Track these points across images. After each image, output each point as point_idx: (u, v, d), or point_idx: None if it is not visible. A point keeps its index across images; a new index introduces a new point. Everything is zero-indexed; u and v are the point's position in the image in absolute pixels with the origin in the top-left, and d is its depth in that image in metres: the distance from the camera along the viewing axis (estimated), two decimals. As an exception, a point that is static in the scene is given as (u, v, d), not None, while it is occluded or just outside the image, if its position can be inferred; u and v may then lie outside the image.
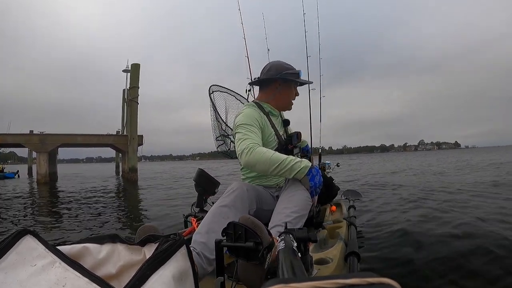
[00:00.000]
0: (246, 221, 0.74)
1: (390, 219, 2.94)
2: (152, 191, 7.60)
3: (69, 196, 7.10)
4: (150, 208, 4.96)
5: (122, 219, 4.21)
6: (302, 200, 1.08)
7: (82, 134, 14.15)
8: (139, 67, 13.19)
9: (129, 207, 5.40)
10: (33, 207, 5.69)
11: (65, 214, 4.64)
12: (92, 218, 4.18)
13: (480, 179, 5.94)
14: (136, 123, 13.04)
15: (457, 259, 1.78)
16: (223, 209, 1.04)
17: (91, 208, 5.17)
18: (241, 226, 0.73)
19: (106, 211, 4.80)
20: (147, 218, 4.12)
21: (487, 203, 3.38)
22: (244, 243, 0.72)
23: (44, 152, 12.50)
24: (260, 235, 0.72)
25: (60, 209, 5.27)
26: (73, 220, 4.05)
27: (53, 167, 15.22)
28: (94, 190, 8.59)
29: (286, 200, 1.09)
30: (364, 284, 0.20)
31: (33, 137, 12.88)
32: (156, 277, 0.50)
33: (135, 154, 13.11)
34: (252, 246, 0.70)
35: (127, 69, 15.48)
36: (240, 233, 0.73)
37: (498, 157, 17.06)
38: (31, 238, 0.53)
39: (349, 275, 0.21)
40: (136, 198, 6.73)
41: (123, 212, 4.84)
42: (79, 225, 3.72)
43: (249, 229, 0.72)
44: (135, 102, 12.92)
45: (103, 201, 6.07)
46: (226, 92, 2.03)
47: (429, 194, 4.31)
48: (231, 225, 0.75)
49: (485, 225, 2.38)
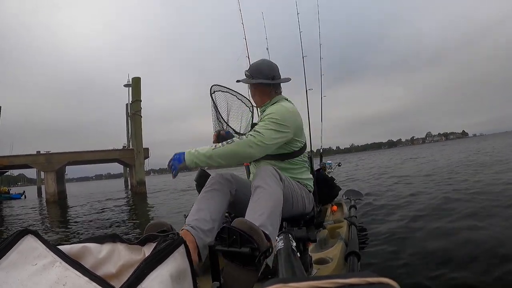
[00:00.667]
0: (242, 225, 0.70)
1: (390, 218, 2.94)
2: (160, 202, 7.60)
3: (77, 212, 7.11)
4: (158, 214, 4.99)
5: (129, 227, 4.24)
6: (267, 200, 1.04)
7: (88, 151, 14.16)
8: (140, 80, 13.27)
9: (138, 217, 5.43)
10: (43, 223, 5.70)
11: (72, 229, 4.66)
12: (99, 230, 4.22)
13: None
14: (141, 136, 13.14)
15: (458, 259, 1.78)
16: (207, 193, 1.15)
17: (99, 221, 5.22)
18: (235, 230, 0.69)
19: (114, 222, 4.84)
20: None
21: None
22: (239, 248, 0.67)
23: (51, 171, 12.57)
24: (257, 240, 0.68)
25: (69, 224, 5.30)
26: (82, 234, 4.07)
27: (61, 186, 15.23)
28: (102, 205, 8.57)
29: (252, 205, 1.04)
30: (364, 284, 0.20)
31: (39, 157, 13.02)
32: (154, 276, 0.50)
33: (142, 168, 13.20)
34: (248, 252, 0.66)
35: (128, 84, 15.61)
36: (235, 238, 0.69)
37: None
38: (32, 237, 0.53)
39: (349, 274, 0.21)
40: (144, 209, 6.76)
41: (131, 222, 4.88)
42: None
43: (244, 234, 0.68)
44: (138, 116, 13.04)
45: (111, 214, 6.13)
46: (228, 92, 2.02)
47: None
48: (225, 229, 0.71)
49: (497, 225, 2.34)
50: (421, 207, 3.32)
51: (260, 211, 0.98)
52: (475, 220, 2.53)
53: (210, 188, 1.18)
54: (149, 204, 7.61)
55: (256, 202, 1.03)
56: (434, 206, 3.31)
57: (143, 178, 12.96)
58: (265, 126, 1.23)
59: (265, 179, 1.08)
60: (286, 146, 1.38)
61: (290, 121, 1.29)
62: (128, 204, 8.29)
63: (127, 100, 16.53)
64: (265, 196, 1.03)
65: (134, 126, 13.23)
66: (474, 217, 2.63)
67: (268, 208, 1.00)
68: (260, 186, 1.06)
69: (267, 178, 1.09)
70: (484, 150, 12.80)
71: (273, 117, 1.25)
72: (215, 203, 1.12)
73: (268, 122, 1.24)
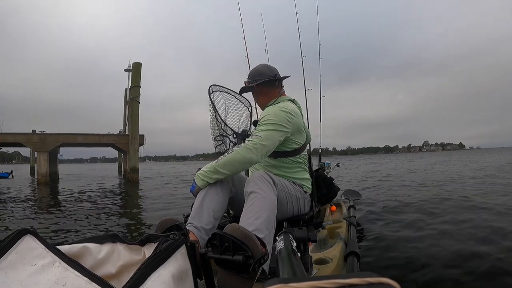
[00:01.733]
0: (235, 231, 0.66)
1: (390, 219, 2.94)
2: (152, 192, 7.56)
3: (67, 197, 7.03)
4: (148, 207, 4.95)
5: (118, 219, 4.17)
6: (262, 205, 1.03)
7: (83, 134, 14.03)
8: (141, 66, 13.09)
9: (129, 208, 5.37)
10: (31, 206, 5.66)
11: (60, 214, 4.58)
12: (85, 218, 4.14)
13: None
14: (138, 122, 12.92)
15: (458, 259, 1.78)
16: (208, 190, 1.14)
17: (87, 208, 5.11)
18: (227, 237, 0.65)
19: (104, 211, 4.75)
20: (143, 221, 4.07)
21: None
22: (232, 256, 0.63)
23: (44, 152, 12.46)
24: (251, 247, 0.64)
25: (59, 208, 5.24)
26: (68, 220, 4.01)
27: (54, 167, 15.18)
28: (94, 190, 8.53)
29: (246, 211, 1.04)
30: (364, 284, 0.20)
31: (33, 137, 12.83)
32: (156, 277, 0.50)
33: (136, 154, 12.94)
34: (242, 260, 0.62)
35: (129, 69, 15.29)
36: (227, 245, 0.64)
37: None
38: (31, 237, 0.53)
39: (349, 275, 0.21)
40: (135, 200, 6.67)
41: (121, 212, 4.82)
42: (71, 224, 3.70)
43: (237, 241, 0.64)
44: (136, 102, 12.79)
45: (101, 202, 6.02)
46: (226, 92, 2.02)
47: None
48: (216, 236, 0.66)
49: (496, 227, 2.35)
50: (421, 207, 3.33)
51: (255, 215, 0.98)
52: (475, 220, 2.54)
53: (212, 183, 1.18)
54: (140, 195, 7.40)
55: (250, 207, 1.02)
56: (434, 206, 3.31)
57: (137, 165, 12.68)
58: (261, 129, 1.25)
59: (258, 185, 1.07)
60: (279, 145, 1.37)
61: (285, 120, 1.29)
62: (119, 193, 8.08)
63: (127, 85, 16.18)
64: (259, 201, 1.03)
65: (131, 112, 12.92)
66: (474, 217, 2.64)
67: (263, 212, 0.99)
68: (254, 192, 1.06)
69: (260, 183, 1.08)
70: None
71: (268, 118, 1.27)
72: (216, 201, 1.12)
73: (264, 124, 1.26)
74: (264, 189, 1.07)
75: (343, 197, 3.13)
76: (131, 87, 13.16)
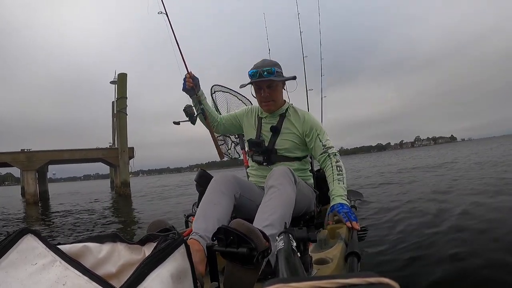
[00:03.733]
0: (239, 226, 0.70)
1: (390, 219, 2.94)
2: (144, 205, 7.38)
3: (57, 214, 6.83)
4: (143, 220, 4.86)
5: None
6: (279, 201, 1.06)
7: (70, 150, 13.50)
8: (126, 77, 12.63)
9: (122, 221, 5.29)
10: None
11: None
12: (69, 235, 4.04)
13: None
14: (126, 134, 12.48)
15: (459, 260, 1.78)
16: (212, 197, 1.13)
17: (79, 224, 4.97)
18: (232, 231, 0.69)
19: (89, 226, 4.61)
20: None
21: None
22: (237, 249, 0.68)
23: (31, 171, 11.91)
24: (255, 240, 0.68)
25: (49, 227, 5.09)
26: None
27: (43, 185, 14.63)
28: (85, 207, 8.21)
29: (263, 205, 1.07)
30: (364, 284, 0.20)
31: (19, 155, 12.19)
32: (154, 276, 0.50)
33: (126, 168, 12.53)
34: (246, 252, 0.67)
35: (115, 80, 15.00)
36: (232, 238, 0.69)
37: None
38: (31, 237, 0.53)
39: (349, 275, 0.21)
40: (129, 213, 6.53)
41: (115, 225, 4.75)
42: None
43: (241, 234, 0.68)
44: (123, 113, 12.37)
45: (92, 217, 5.86)
46: (228, 92, 2.03)
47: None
48: (221, 230, 0.70)
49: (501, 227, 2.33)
50: (421, 207, 3.32)
51: (270, 211, 1.00)
52: (475, 221, 2.53)
53: (216, 190, 1.16)
54: (132, 209, 7.16)
55: (267, 202, 1.04)
56: (434, 206, 3.31)
57: (128, 179, 12.30)
58: (327, 139, 1.41)
59: (279, 179, 1.10)
60: (305, 148, 1.42)
61: None
62: (108, 208, 7.85)
63: (114, 97, 15.77)
64: (278, 196, 1.04)
65: (119, 124, 12.51)
66: (475, 218, 2.63)
67: (279, 208, 1.01)
68: (274, 186, 1.08)
69: (281, 178, 1.10)
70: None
71: (321, 126, 1.43)
72: (221, 208, 1.11)
73: (325, 134, 1.42)
74: (284, 184, 1.09)
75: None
76: (118, 98, 12.74)
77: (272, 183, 1.10)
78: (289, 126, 1.42)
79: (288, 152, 1.42)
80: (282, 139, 1.42)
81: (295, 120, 1.42)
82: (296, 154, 1.42)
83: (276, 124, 1.44)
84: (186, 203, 6.02)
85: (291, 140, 1.40)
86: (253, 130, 1.50)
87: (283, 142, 1.41)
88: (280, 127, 1.43)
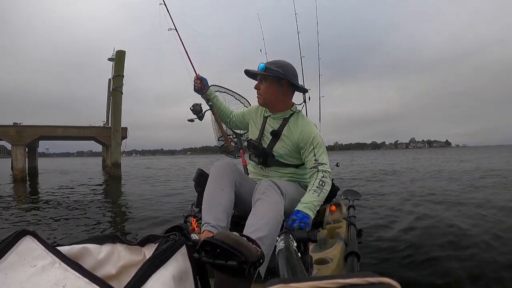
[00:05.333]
0: (226, 238, 0.64)
1: (391, 219, 2.94)
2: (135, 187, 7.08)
3: (44, 196, 6.35)
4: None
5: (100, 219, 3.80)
6: (267, 209, 1.05)
7: (62, 126, 12.91)
8: (124, 54, 12.07)
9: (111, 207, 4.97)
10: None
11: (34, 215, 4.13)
12: (49, 221, 3.72)
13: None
14: (120, 114, 11.95)
15: (459, 259, 1.78)
16: (216, 183, 1.15)
17: (64, 208, 4.68)
18: (218, 244, 0.63)
19: (75, 213, 4.27)
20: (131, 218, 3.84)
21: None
22: (226, 262, 0.63)
23: (21, 145, 11.46)
24: (244, 252, 0.63)
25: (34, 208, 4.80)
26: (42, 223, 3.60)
27: (33, 161, 14.29)
28: (73, 188, 7.91)
29: (251, 216, 1.05)
30: (364, 283, 0.20)
31: (9, 129, 11.64)
32: (156, 277, 0.50)
33: (118, 148, 12.01)
34: (236, 265, 0.62)
35: (112, 58, 13.98)
36: (219, 251, 0.64)
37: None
38: (30, 238, 0.53)
39: (350, 275, 0.21)
40: (117, 196, 6.18)
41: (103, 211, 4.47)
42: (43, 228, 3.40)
43: (228, 248, 0.63)
44: (119, 92, 11.85)
45: (81, 201, 5.50)
46: (226, 92, 2.03)
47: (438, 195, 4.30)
48: (207, 243, 0.65)
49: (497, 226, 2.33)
50: (421, 207, 3.33)
51: (258, 217, 1.01)
52: (476, 220, 2.54)
53: (220, 175, 1.19)
54: (122, 192, 6.77)
55: (255, 211, 1.04)
56: (434, 206, 3.32)
57: (119, 160, 11.79)
58: (321, 154, 1.33)
59: (265, 192, 1.10)
60: (300, 157, 1.41)
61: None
62: (97, 190, 7.42)
63: (111, 75, 14.52)
64: (265, 205, 1.05)
65: (114, 103, 11.99)
66: (475, 217, 2.64)
67: (267, 214, 1.01)
68: (260, 199, 1.08)
69: (266, 190, 1.11)
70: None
71: (320, 141, 1.35)
72: (225, 195, 1.13)
73: (322, 150, 1.34)
74: (270, 195, 1.09)
75: (342, 197, 3.13)
76: (114, 76, 12.20)
77: (258, 196, 1.10)
78: (288, 133, 1.42)
79: (283, 158, 1.41)
80: (279, 145, 1.42)
81: (294, 128, 1.41)
82: (292, 161, 1.41)
83: (278, 129, 1.43)
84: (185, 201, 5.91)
85: (286, 147, 1.40)
86: (256, 130, 1.50)
87: (280, 148, 1.41)
88: (280, 132, 1.42)
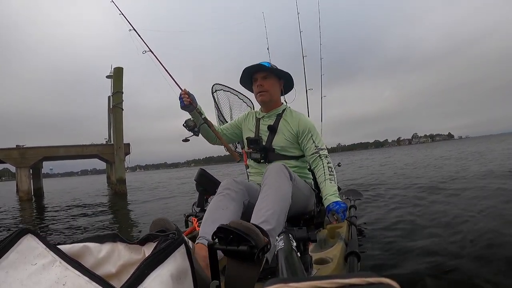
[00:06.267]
0: (238, 225, 0.72)
1: (391, 219, 2.94)
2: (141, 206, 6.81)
3: (50, 215, 6.38)
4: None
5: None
6: (275, 197, 1.06)
7: (64, 146, 13.09)
8: (122, 71, 12.16)
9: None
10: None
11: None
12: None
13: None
14: (122, 130, 12.00)
15: (458, 260, 1.78)
16: (221, 202, 1.13)
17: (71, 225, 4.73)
18: (232, 230, 0.70)
19: (79, 230, 4.32)
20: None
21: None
22: (237, 247, 0.70)
23: (25, 167, 11.60)
24: (254, 238, 0.70)
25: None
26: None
27: (37, 182, 14.36)
28: (76, 207, 7.80)
29: (259, 202, 1.07)
30: (364, 284, 0.20)
31: (12, 152, 11.82)
32: (154, 276, 0.50)
33: (122, 164, 12.04)
34: (247, 250, 0.68)
35: (111, 75, 14.25)
36: (232, 237, 0.71)
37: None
38: (31, 237, 0.53)
39: (349, 275, 0.21)
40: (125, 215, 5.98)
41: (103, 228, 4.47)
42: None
43: (241, 233, 0.70)
44: (119, 108, 11.91)
45: (80, 218, 5.49)
46: (229, 91, 2.05)
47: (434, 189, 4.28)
48: (221, 230, 0.72)
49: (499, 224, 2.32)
50: (421, 207, 3.32)
51: (266, 207, 1.01)
52: (477, 220, 2.53)
53: (225, 194, 1.15)
54: (128, 209, 6.62)
55: (263, 199, 1.05)
56: (434, 206, 3.31)
57: (123, 176, 11.79)
58: (320, 140, 1.43)
59: (274, 176, 1.11)
60: (300, 147, 1.45)
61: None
62: (100, 212, 6.94)
63: (110, 92, 14.63)
64: (273, 192, 1.06)
65: (115, 120, 12.01)
66: (476, 217, 2.63)
67: (275, 204, 1.02)
68: (269, 183, 1.09)
69: (276, 174, 1.12)
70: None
71: (316, 129, 1.46)
72: (230, 213, 1.09)
73: (319, 137, 1.45)
74: (279, 181, 1.10)
75: (344, 197, 3.13)
76: (113, 93, 12.24)
77: (267, 180, 1.11)
78: (285, 125, 1.47)
79: (285, 150, 1.45)
80: (278, 137, 1.46)
81: (290, 120, 1.47)
82: (293, 153, 1.46)
83: (273, 124, 1.48)
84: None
85: (286, 139, 1.44)
86: (252, 132, 1.55)
87: (279, 140, 1.45)
88: (276, 126, 1.47)
